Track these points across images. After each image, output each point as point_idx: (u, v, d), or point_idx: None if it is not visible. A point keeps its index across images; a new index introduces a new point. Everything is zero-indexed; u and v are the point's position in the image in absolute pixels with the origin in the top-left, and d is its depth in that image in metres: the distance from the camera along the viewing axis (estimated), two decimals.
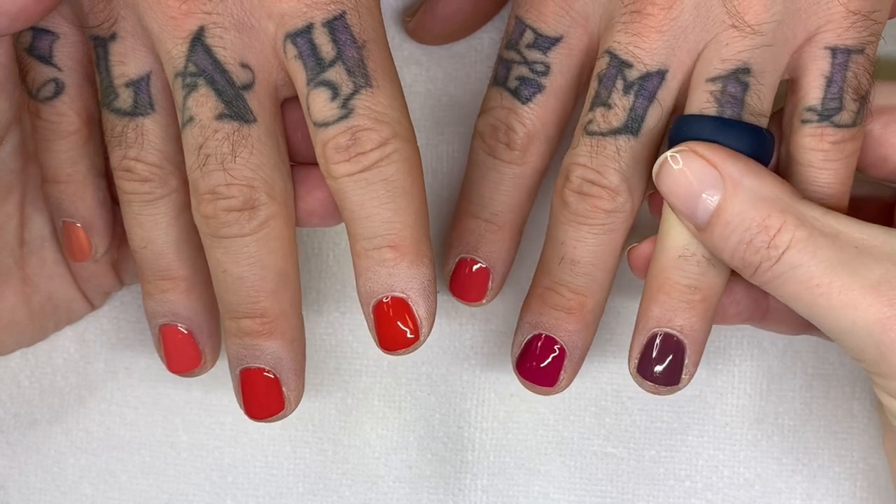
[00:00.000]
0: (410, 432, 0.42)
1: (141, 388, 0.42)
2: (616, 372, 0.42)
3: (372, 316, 0.33)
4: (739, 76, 0.33)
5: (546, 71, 0.36)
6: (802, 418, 0.41)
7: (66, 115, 0.36)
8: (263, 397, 0.35)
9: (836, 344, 0.33)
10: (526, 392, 0.41)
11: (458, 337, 0.42)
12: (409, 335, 0.33)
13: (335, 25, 0.32)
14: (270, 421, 0.35)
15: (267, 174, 0.33)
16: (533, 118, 0.37)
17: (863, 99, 0.34)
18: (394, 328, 0.33)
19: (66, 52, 0.36)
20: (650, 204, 0.37)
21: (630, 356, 0.35)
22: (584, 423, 0.42)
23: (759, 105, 0.34)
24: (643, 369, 0.35)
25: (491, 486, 0.42)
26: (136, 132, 0.34)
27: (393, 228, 0.32)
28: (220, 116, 0.32)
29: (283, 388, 0.35)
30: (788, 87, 0.35)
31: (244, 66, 0.33)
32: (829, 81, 0.34)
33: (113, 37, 0.34)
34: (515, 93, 0.37)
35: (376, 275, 0.33)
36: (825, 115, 0.34)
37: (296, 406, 0.35)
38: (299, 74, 0.33)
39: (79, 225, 0.37)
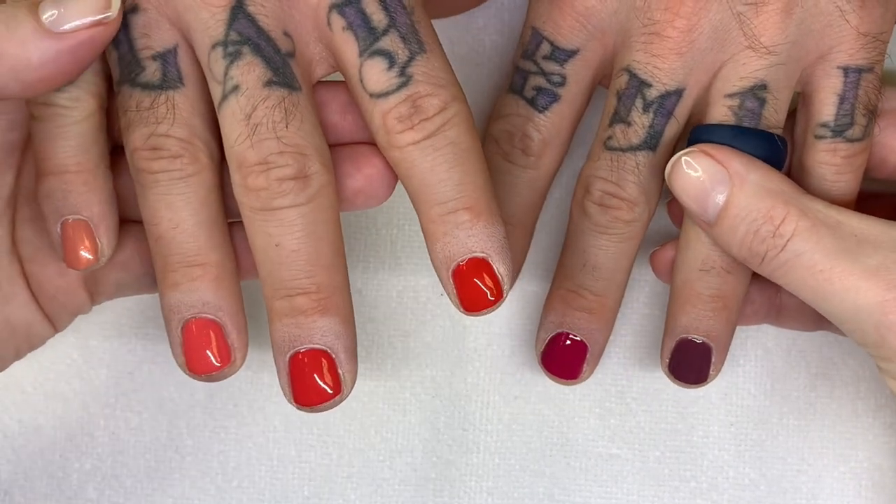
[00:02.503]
0: (415, 435, 0.42)
1: (144, 393, 0.42)
2: (620, 374, 0.42)
3: (451, 280, 0.33)
4: (756, 92, 0.35)
5: (562, 82, 0.37)
6: (807, 418, 0.41)
7: (81, 98, 0.33)
8: (319, 381, 0.33)
9: (841, 330, 0.34)
10: (530, 394, 0.42)
11: (462, 339, 0.42)
12: (489, 297, 0.33)
13: None
14: (324, 409, 0.33)
15: (317, 142, 0.32)
16: (549, 126, 0.38)
17: (871, 113, 0.36)
18: (476, 289, 0.33)
19: None
20: (670, 214, 0.40)
21: (661, 358, 0.38)
22: (589, 424, 0.42)
23: (775, 118, 0.35)
24: (674, 370, 0.38)
25: (496, 488, 0.42)
26: (167, 106, 0.32)
27: (465, 190, 0.32)
28: (268, 83, 0.31)
29: (340, 371, 0.33)
30: (801, 101, 0.37)
31: (286, 34, 0.32)
32: (842, 99, 0.35)
33: (134, 9, 0.32)
34: (532, 102, 0.38)
35: (455, 238, 0.32)
36: (838, 130, 0.36)
37: (351, 390, 0.33)
38: (349, 45, 0.32)
39: (86, 222, 0.34)
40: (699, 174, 0.34)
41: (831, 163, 0.36)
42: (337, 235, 0.33)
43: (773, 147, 0.35)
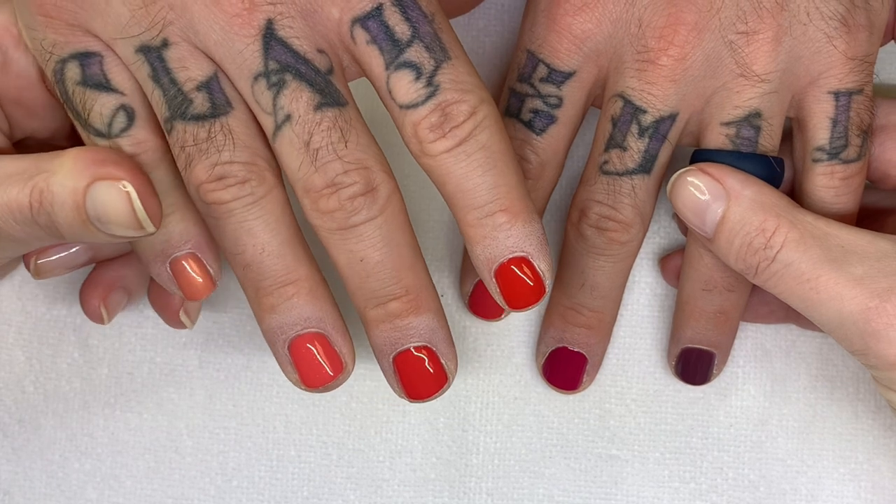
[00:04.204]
0: (415, 436, 0.42)
1: (144, 393, 0.42)
2: (619, 375, 0.42)
3: (494, 280, 0.33)
4: (752, 120, 0.36)
5: (559, 103, 0.38)
6: (807, 420, 0.41)
7: (147, 140, 0.33)
8: (427, 375, 0.34)
9: (832, 337, 0.35)
10: (530, 395, 0.42)
11: (462, 341, 0.42)
12: (533, 293, 0.33)
13: (404, 2, 0.32)
14: (434, 398, 0.35)
15: (375, 151, 0.32)
16: (546, 148, 0.38)
17: (865, 133, 0.37)
18: (519, 286, 0.33)
19: (118, 70, 0.33)
20: (679, 225, 0.42)
21: (668, 361, 0.41)
22: (589, 425, 0.42)
23: (771, 143, 0.36)
24: (680, 373, 0.41)
25: (495, 489, 0.42)
26: (223, 133, 0.32)
27: (500, 193, 0.32)
28: (318, 107, 0.32)
29: (442, 360, 0.34)
30: (795, 127, 0.38)
31: (320, 51, 0.32)
32: (835, 122, 0.36)
33: (165, 44, 0.32)
34: (529, 125, 0.38)
35: (495, 240, 0.33)
36: (833, 153, 0.36)
37: (455, 376, 0.35)
38: (375, 59, 0.32)
39: (193, 253, 0.34)
40: (699, 190, 0.35)
41: (830, 185, 0.37)
42: (412, 236, 0.33)
43: (771, 170, 0.36)
